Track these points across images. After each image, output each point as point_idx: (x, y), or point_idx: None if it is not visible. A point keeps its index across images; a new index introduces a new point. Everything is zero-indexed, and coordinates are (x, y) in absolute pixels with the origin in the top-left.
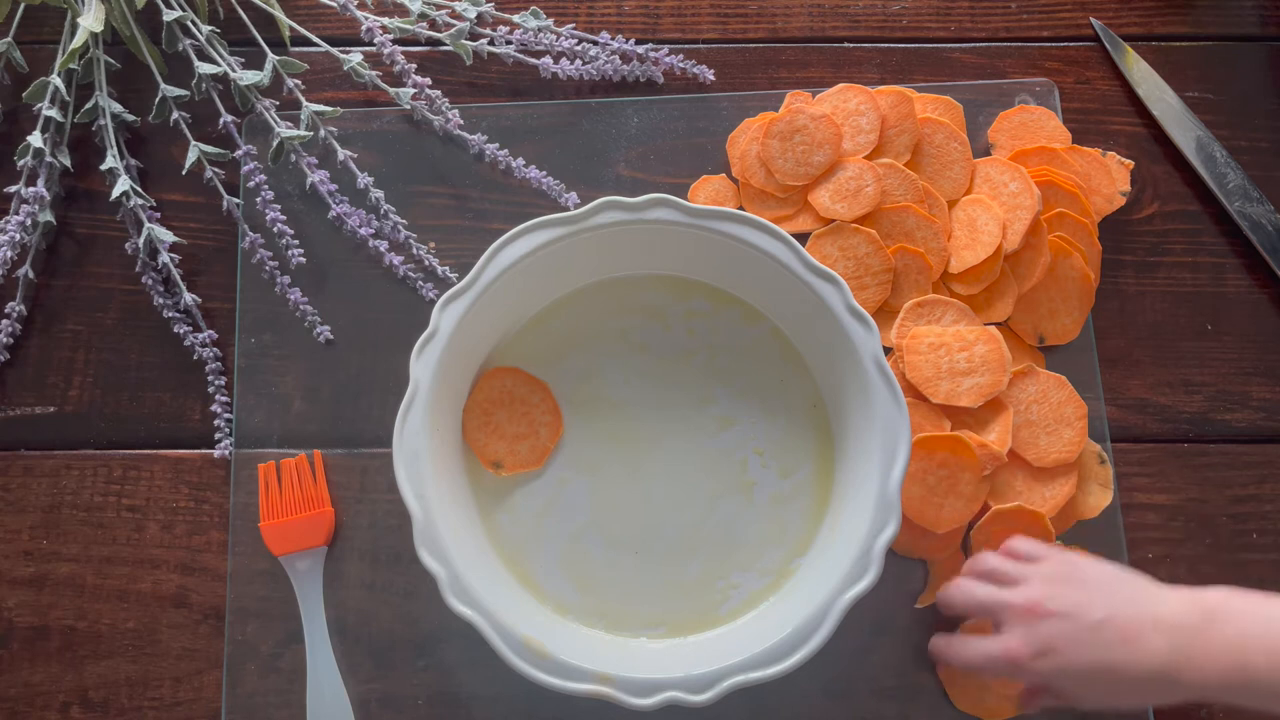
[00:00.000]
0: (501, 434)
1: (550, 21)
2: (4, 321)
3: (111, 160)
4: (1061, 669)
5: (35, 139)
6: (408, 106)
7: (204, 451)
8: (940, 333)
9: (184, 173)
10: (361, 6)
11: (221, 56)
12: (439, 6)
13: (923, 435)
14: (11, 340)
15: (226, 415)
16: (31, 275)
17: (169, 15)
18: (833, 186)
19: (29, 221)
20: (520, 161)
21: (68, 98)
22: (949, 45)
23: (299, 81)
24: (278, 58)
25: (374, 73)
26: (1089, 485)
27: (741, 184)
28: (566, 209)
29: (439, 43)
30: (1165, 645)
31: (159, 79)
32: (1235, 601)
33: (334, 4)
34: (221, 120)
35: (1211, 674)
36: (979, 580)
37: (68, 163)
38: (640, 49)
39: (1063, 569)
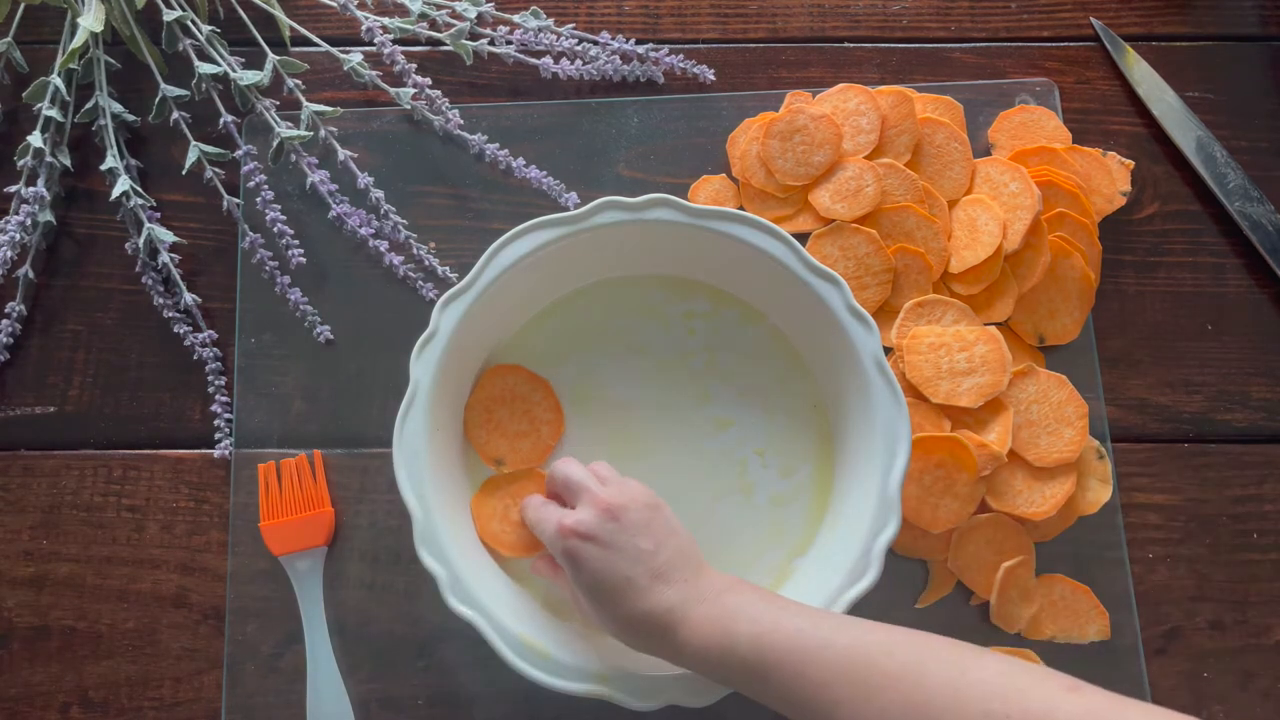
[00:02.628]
0: (503, 431)
1: (550, 21)
2: (4, 321)
3: (111, 160)
4: (588, 567)
5: (35, 139)
6: (408, 106)
7: (204, 451)
8: (940, 333)
9: (184, 173)
10: (362, 6)
11: (221, 56)
12: (439, 6)
13: (921, 436)
14: (11, 340)
15: (226, 415)
16: (31, 275)
17: (169, 15)
18: (833, 186)
19: (29, 221)
20: (520, 161)
21: (68, 98)
22: (949, 45)
23: (299, 81)
24: (278, 58)
25: (374, 73)
26: (1088, 481)
27: (741, 184)
28: (566, 209)
29: (439, 43)
30: (675, 598)
31: (159, 79)
32: (749, 589)
33: (334, 4)
34: (221, 120)
35: (701, 637)
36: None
37: (68, 163)
38: (640, 49)
39: (642, 515)
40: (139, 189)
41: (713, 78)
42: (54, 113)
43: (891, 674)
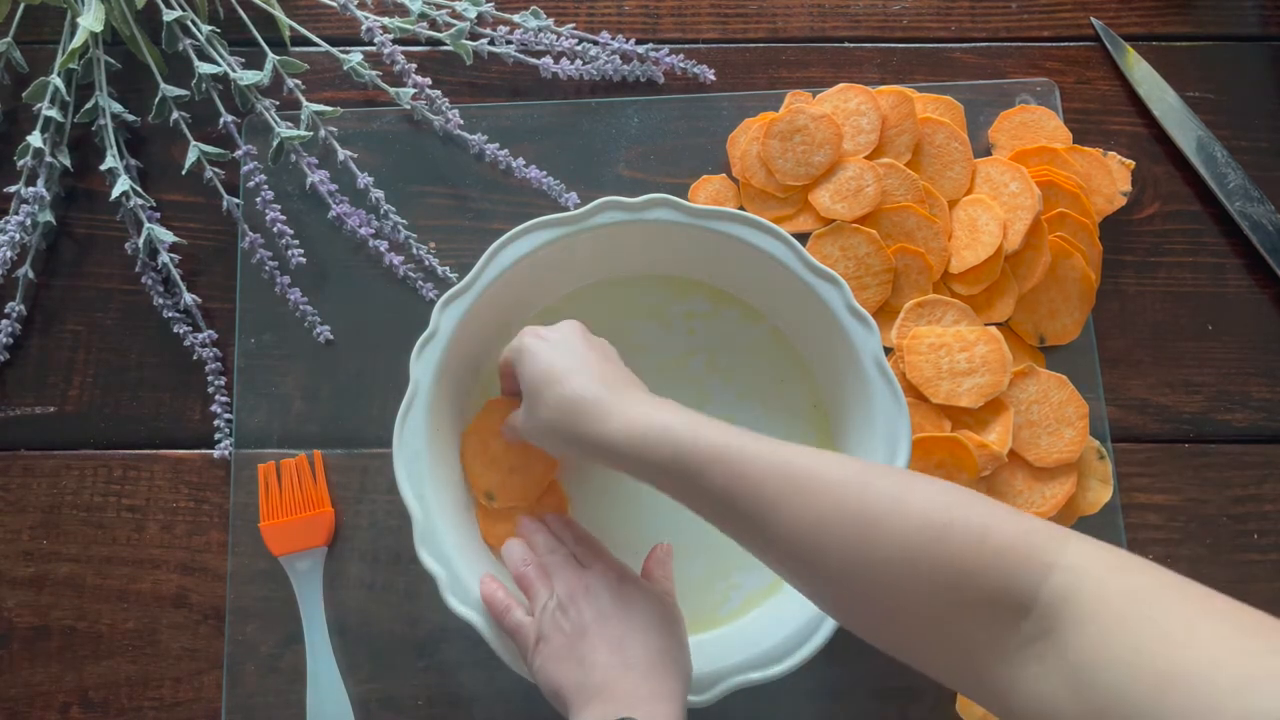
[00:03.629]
0: (497, 465)
1: (550, 21)
2: (4, 321)
3: (111, 160)
4: (538, 356)
5: (35, 139)
6: (408, 106)
7: (204, 451)
8: (941, 333)
9: (184, 173)
10: (362, 6)
11: (221, 56)
12: (439, 6)
13: (921, 436)
14: (11, 340)
15: (226, 415)
16: (31, 275)
17: (169, 15)
18: (833, 186)
19: (29, 221)
20: (520, 161)
21: (68, 98)
22: (949, 45)
23: (299, 81)
24: (278, 58)
25: (374, 73)
26: (1088, 481)
27: (742, 184)
28: (566, 209)
29: (439, 43)
30: (611, 391)
31: (159, 79)
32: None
33: (334, 4)
34: (221, 120)
35: (630, 423)
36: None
37: (68, 163)
38: (640, 49)
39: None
40: (139, 189)
41: (713, 78)
42: (54, 113)
43: (834, 481)
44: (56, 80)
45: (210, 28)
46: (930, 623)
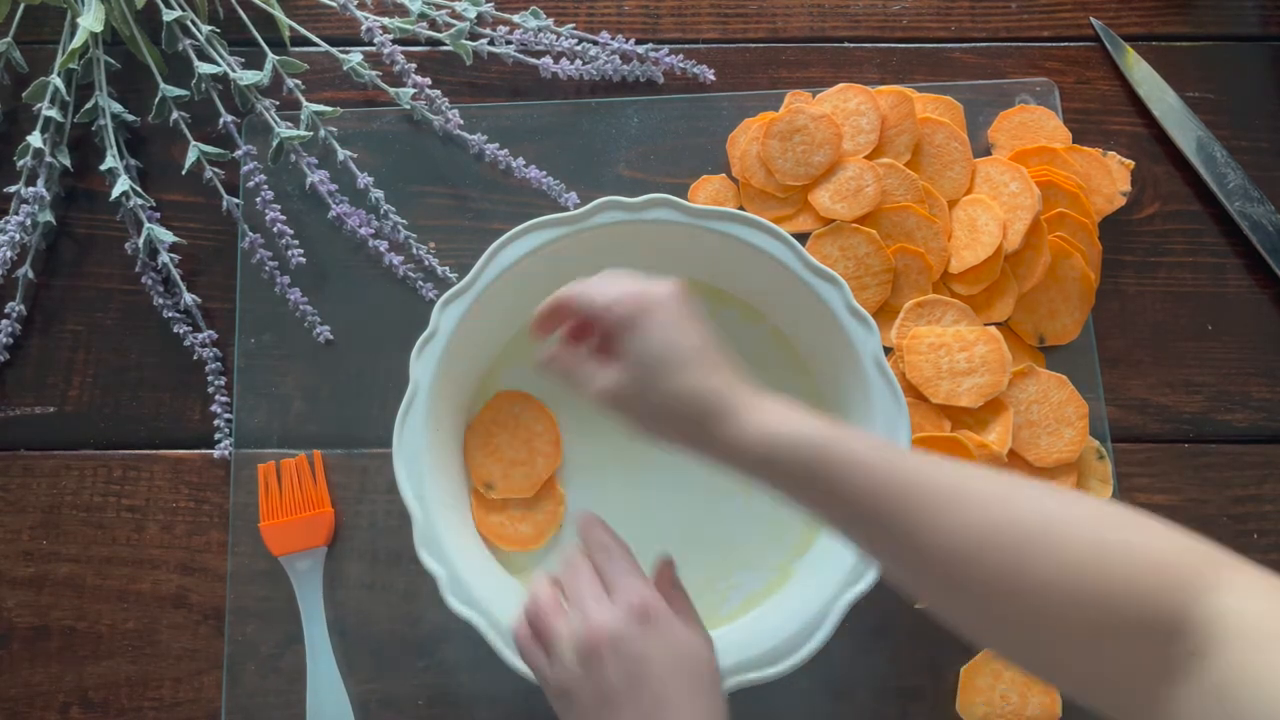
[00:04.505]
0: (499, 457)
1: (550, 21)
2: (4, 321)
3: (111, 160)
4: (655, 333)
5: (35, 139)
6: (408, 106)
7: (204, 452)
8: (940, 333)
9: (184, 173)
10: (361, 6)
11: (221, 56)
12: (439, 6)
13: (921, 436)
14: (11, 340)
15: (226, 415)
16: (31, 275)
17: (169, 15)
18: (833, 186)
19: (29, 221)
20: (520, 161)
21: (68, 98)
22: (949, 45)
23: (299, 81)
24: (278, 58)
25: (374, 73)
26: (1088, 481)
27: (741, 184)
28: (566, 209)
29: (439, 43)
30: (731, 384)
31: (159, 79)
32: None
33: (334, 4)
34: (221, 120)
35: (754, 425)
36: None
37: (68, 163)
38: (640, 49)
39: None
40: (139, 189)
41: (713, 78)
42: (54, 113)
43: (987, 494)
44: (56, 80)
45: (210, 28)
46: (1084, 644)
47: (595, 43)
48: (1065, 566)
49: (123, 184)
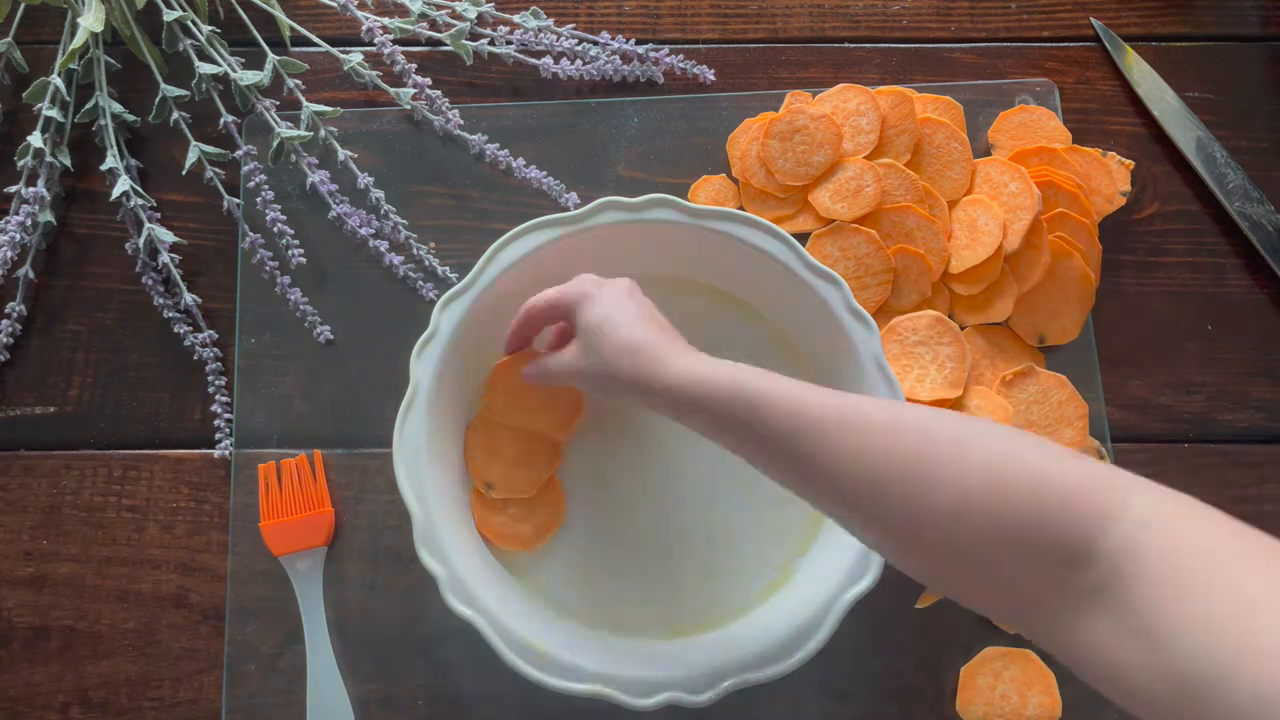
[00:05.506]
0: (500, 456)
1: (550, 21)
2: (4, 321)
3: (111, 160)
4: (601, 300)
5: (35, 139)
6: (408, 106)
7: (204, 451)
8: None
9: (184, 173)
10: (362, 6)
11: (221, 56)
12: (439, 6)
13: None
14: (11, 340)
15: (226, 415)
16: (31, 275)
17: (169, 15)
18: (833, 186)
19: (29, 221)
20: (520, 161)
21: (68, 98)
22: (949, 45)
23: (299, 81)
24: (278, 58)
25: (374, 73)
26: None
27: (741, 184)
28: (566, 209)
29: (439, 43)
30: (671, 339)
31: (159, 79)
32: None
33: (334, 4)
34: (221, 120)
35: (691, 368)
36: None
37: (68, 163)
38: (640, 49)
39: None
40: (139, 189)
41: (713, 78)
42: (54, 113)
43: (895, 425)
44: (57, 80)
45: (210, 28)
46: (991, 571)
47: (595, 43)
48: (967, 494)
49: (123, 184)
